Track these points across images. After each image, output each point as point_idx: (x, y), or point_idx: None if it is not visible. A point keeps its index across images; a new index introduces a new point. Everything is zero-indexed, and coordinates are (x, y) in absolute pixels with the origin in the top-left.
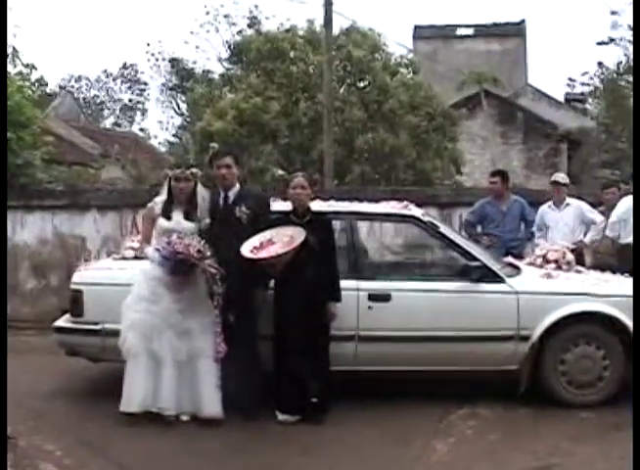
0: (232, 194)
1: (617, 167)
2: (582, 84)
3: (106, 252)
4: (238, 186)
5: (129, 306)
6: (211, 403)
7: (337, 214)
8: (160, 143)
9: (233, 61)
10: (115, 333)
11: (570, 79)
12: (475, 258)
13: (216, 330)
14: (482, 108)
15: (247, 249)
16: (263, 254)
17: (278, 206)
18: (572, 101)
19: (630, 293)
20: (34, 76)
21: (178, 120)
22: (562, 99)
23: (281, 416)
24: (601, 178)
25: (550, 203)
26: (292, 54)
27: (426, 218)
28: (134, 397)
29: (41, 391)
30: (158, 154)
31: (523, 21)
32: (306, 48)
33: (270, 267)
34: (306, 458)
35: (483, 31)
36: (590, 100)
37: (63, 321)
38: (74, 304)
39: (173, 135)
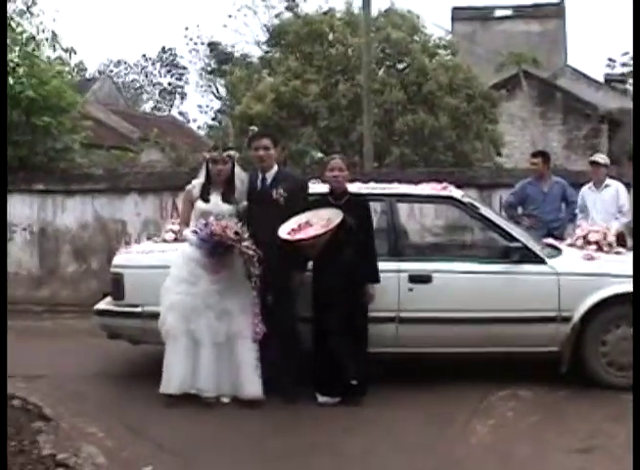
0: (270, 176)
1: None
2: (623, 65)
3: (146, 235)
4: (276, 168)
5: (168, 289)
6: (251, 384)
7: (376, 196)
8: (199, 127)
9: (271, 44)
10: (156, 315)
11: (609, 60)
12: (515, 239)
13: (255, 311)
14: (522, 89)
15: (284, 231)
16: (301, 235)
17: (316, 188)
18: (613, 81)
19: None
20: (74, 61)
21: (217, 104)
22: (602, 80)
23: (321, 398)
24: None
25: (590, 184)
26: (330, 36)
27: (466, 200)
28: (173, 378)
29: (82, 373)
30: (197, 137)
31: (562, 1)
32: (345, 30)
33: (308, 249)
34: (346, 439)
35: (522, 12)
36: (630, 80)
37: (104, 304)
38: (115, 286)
39: (212, 119)
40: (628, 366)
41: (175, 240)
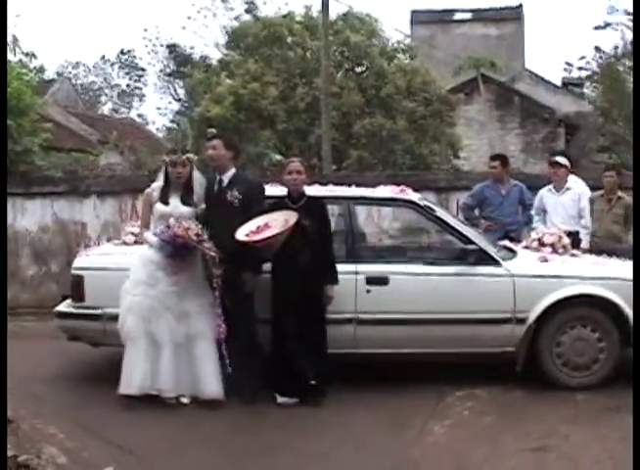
0: (226, 178)
1: (614, 151)
2: (580, 69)
3: (106, 237)
4: (233, 170)
5: (127, 291)
6: (211, 385)
7: (334, 199)
8: (157, 129)
9: (230, 46)
10: (116, 317)
11: (567, 63)
12: (471, 242)
13: (217, 311)
14: (480, 93)
15: (242, 233)
16: (257, 237)
17: (274, 191)
18: (570, 85)
19: (625, 276)
20: (34, 64)
21: (176, 106)
22: (559, 83)
23: (280, 399)
24: (600, 162)
25: (550, 186)
26: (289, 39)
27: (422, 202)
28: (133, 379)
29: (42, 375)
30: (155, 139)
31: (520, 5)
32: (304, 33)
33: (264, 250)
34: (304, 440)
35: (481, 16)
36: (588, 84)
37: (64, 306)
38: (75, 289)
39: (171, 121)
40: (583, 367)
41: (135, 242)
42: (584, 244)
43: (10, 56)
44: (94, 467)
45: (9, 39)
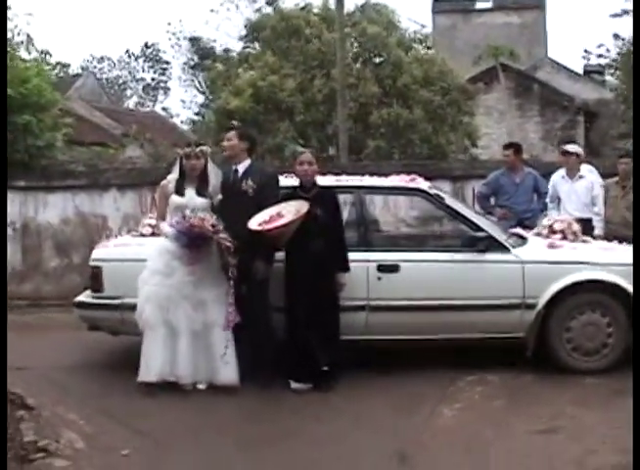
0: (241, 168)
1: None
2: (599, 56)
3: (126, 229)
4: (248, 161)
5: (145, 281)
6: (227, 371)
7: (346, 188)
8: (182, 122)
9: (250, 39)
10: (134, 307)
11: (585, 51)
12: (481, 229)
13: (229, 300)
14: (499, 81)
15: (255, 223)
16: (269, 226)
17: (288, 181)
18: (591, 73)
19: (631, 261)
20: (54, 59)
21: (201, 99)
22: (581, 71)
23: (294, 384)
24: (621, 149)
25: (563, 173)
26: (307, 31)
27: (432, 191)
28: (152, 366)
29: (64, 364)
30: (180, 132)
31: None
32: (321, 26)
33: (276, 239)
34: (317, 425)
35: (502, 4)
36: (609, 71)
37: (83, 296)
38: (94, 279)
39: (196, 113)
40: (593, 351)
41: (152, 234)
42: (597, 231)
43: (25, 54)
44: (111, 451)
45: (23, 38)
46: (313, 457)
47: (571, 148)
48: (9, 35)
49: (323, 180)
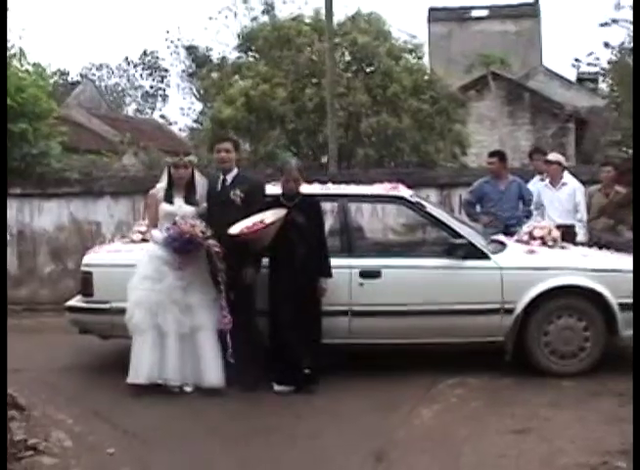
0: (230, 178)
1: (626, 145)
2: (588, 64)
3: (120, 236)
4: (236, 171)
5: (135, 285)
6: (213, 374)
7: (329, 197)
8: (180, 129)
9: (243, 49)
10: (123, 311)
11: (576, 60)
12: (460, 236)
13: (222, 303)
14: (490, 89)
15: (237, 229)
16: (243, 230)
17: (273, 189)
18: (585, 80)
19: (609, 267)
20: (52, 68)
21: (199, 106)
22: (575, 79)
23: (277, 387)
24: (614, 157)
25: (546, 181)
26: (298, 41)
27: (413, 199)
28: (141, 368)
29: (55, 366)
30: (178, 139)
31: (536, 1)
32: (312, 35)
33: (255, 243)
34: (298, 424)
35: (498, 12)
36: (601, 79)
37: (75, 301)
38: (85, 284)
39: (194, 121)
40: (570, 355)
41: (142, 240)
42: (580, 237)
43: (18, 65)
44: (97, 449)
45: (16, 51)
46: (293, 454)
47: (552, 157)
48: None
49: (308, 188)
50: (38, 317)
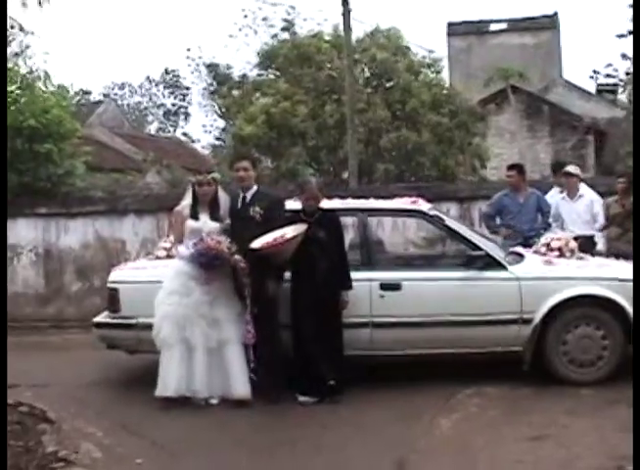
0: (249, 195)
1: None
2: (606, 76)
3: (144, 253)
4: (255, 188)
5: (162, 300)
6: (240, 386)
7: (349, 211)
8: (202, 147)
9: (263, 67)
10: (150, 326)
11: (594, 71)
12: (478, 248)
13: (246, 318)
14: (509, 103)
15: (258, 244)
16: (263, 244)
17: (293, 205)
18: (604, 92)
19: (627, 276)
20: (75, 87)
21: (221, 123)
22: (594, 90)
23: (301, 398)
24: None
25: (564, 194)
26: (318, 58)
27: (432, 212)
28: (169, 382)
29: (83, 381)
30: (201, 157)
31: (555, 13)
32: (332, 52)
33: (277, 257)
34: (323, 435)
35: (517, 26)
36: (620, 90)
37: (102, 317)
38: (112, 300)
39: (216, 138)
40: (588, 363)
41: (167, 257)
42: (600, 246)
43: (43, 87)
44: (126, 460)
45: (41, 74)
46: (317, 463)
47: (572, 169)
48: (28, 69)
49: (328, 203)
50: (65, 334)
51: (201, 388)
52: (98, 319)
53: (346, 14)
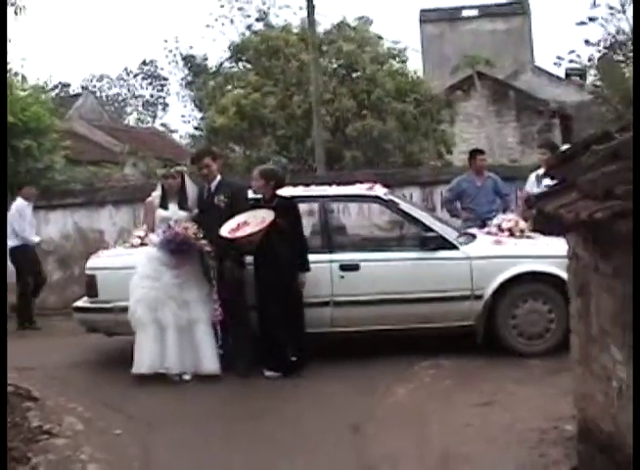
0: (213, 185)
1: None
2: (570, 61)
3: (120, 241)
4: (218, 178)
5: (136, 285)
6: (210, 362)
7: (310, 198)
8: (181, 137)
9: (234, 60)
10: (125, 309)
11: (557, 57)
12: (431, 230)
13: (214, 298)
14: (476, 89)
15: (225, 230)
16: (239, 233)
17: (252, 193)
18: (573, 76)
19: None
20: (54, 81)
21: (200, 114)
22: (564, 74)
23: (267, 373)
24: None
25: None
26: (286, 51)
27: (387, 197)
28: (144, 360)
29: (66, 362)
30: (179, 147)
31: None
32: (300, 45)
33: (245, 244)
34: (286, 405)
35: (488, 11)
36: (589, 73)
37: (81, 302)
38: (90, 286)
39: (195, 128)
40: (536, 336)
41: (141, 244)
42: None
43: (20, 88)
44: (106, 431)
45: (18, 78)
46: (281, 432)
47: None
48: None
49: (290, 191)
50: (48, 321)
51: (173, 365)
52: (78, 304)
53: (311, 9)
